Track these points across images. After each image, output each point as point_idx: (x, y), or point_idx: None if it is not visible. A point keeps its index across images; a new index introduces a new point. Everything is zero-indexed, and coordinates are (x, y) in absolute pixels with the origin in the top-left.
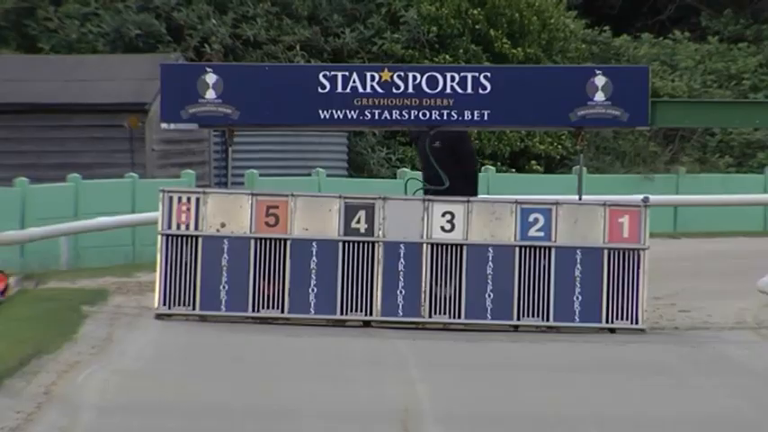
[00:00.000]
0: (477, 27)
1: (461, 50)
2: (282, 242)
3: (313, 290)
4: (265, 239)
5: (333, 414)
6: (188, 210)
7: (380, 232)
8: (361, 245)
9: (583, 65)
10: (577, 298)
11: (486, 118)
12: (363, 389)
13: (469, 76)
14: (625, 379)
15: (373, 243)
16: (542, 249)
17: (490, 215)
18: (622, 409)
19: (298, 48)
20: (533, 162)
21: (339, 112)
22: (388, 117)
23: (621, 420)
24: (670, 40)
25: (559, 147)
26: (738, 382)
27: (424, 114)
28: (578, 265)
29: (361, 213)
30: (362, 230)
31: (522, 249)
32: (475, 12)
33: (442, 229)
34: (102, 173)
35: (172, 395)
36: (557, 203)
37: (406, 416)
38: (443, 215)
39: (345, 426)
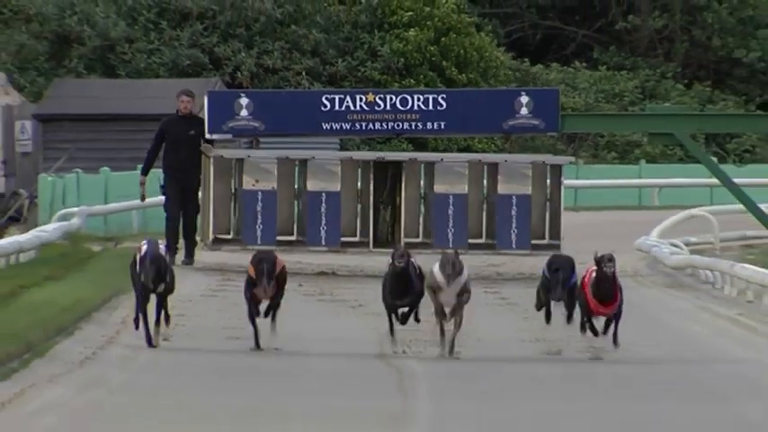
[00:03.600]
0: (432, 59)
1: (422, 75)
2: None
3: (324, 227)
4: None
5: (329, 339)
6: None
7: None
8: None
9: (510, 87)
10: (514, 231)
11: (443, 127)
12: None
13: (431, 97)
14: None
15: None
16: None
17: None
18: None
19: (303, 73)
20: None
21: (336, 124)
22: (372, 128)
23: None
24: (572, 69)
25: (493, 145)
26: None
27: (398, 125)
28: (514, 208)
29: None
30: None
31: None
32: (431, 48)
33: None
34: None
35: (205, 325)
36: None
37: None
38: None
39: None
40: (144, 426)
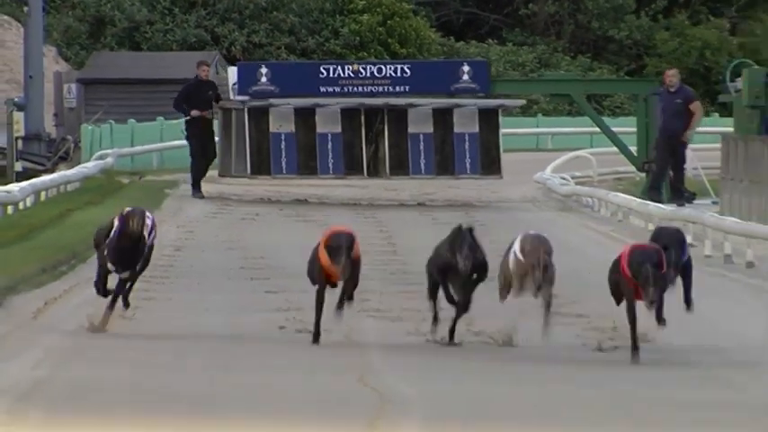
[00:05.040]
0: (381, 37)
1: (372, 50)
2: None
3: (331, 160)
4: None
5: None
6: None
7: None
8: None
9: (452, 59)
10: (468, 160)
11: (407, 89)
12: None
13: (399, 66)
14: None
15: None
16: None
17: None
18: None
19: (283, 48)
20: None
21: (331, 87)
22: (356, 90)
23: None
24: (486, 45)
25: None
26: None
27: (376, 88)
28: (467, 143)
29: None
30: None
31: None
32: (380, 28)
33: None
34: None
35: (209, 238)
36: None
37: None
38: None
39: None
40: (162, 312)
